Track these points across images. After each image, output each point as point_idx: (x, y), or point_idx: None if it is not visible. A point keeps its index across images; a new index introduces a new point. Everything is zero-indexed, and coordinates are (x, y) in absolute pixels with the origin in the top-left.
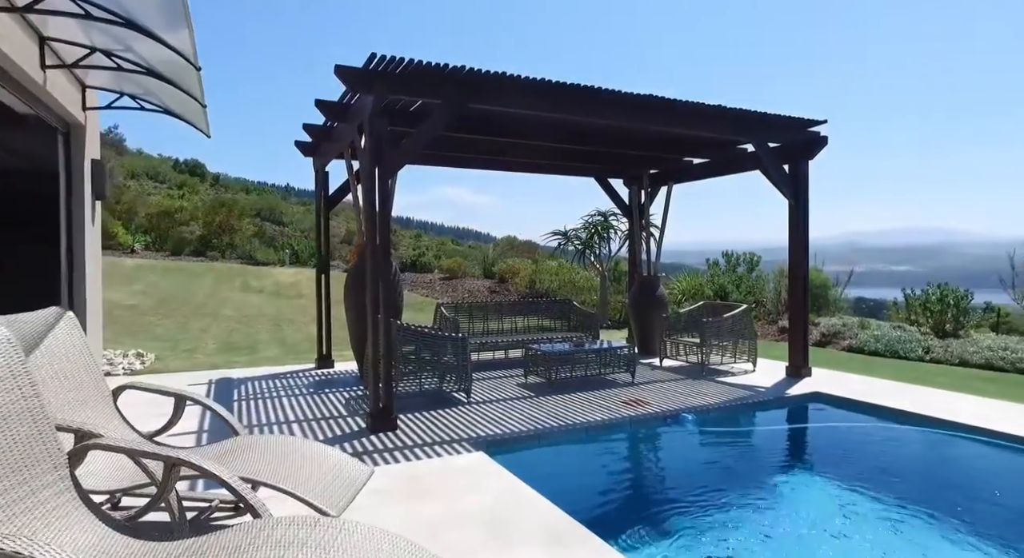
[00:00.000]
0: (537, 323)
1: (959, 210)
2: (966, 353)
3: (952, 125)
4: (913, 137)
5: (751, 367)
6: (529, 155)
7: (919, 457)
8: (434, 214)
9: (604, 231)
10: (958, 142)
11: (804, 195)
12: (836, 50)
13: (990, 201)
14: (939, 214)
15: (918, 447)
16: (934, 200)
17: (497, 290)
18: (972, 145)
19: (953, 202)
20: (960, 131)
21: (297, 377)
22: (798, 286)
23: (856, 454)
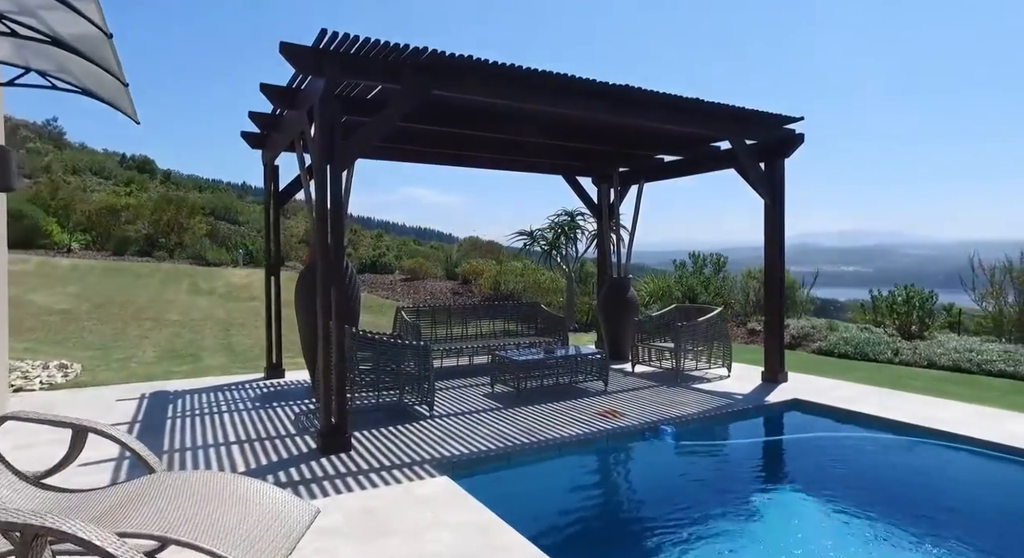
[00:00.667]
0: (504, 327)
1: (902, 214)
2: (934, 355)
3: (897, 132)
4: (861, 142)
5: (726, 372)
6: (495, 150)
7: (906, 470)
8: (396, 214)
9: (571, 231)
10: (902, 148)
11: (780, 195)
12: (786, 51)
13: (931, 205)
14: (884, 217)
15: (904, 459)
16: (880, 204)
17: (460, 292)
18: (915, 151)
19: (897, 206)
20: (904, 138)
21: (243, 389)
22: (774, 289)
23: (844, 470)
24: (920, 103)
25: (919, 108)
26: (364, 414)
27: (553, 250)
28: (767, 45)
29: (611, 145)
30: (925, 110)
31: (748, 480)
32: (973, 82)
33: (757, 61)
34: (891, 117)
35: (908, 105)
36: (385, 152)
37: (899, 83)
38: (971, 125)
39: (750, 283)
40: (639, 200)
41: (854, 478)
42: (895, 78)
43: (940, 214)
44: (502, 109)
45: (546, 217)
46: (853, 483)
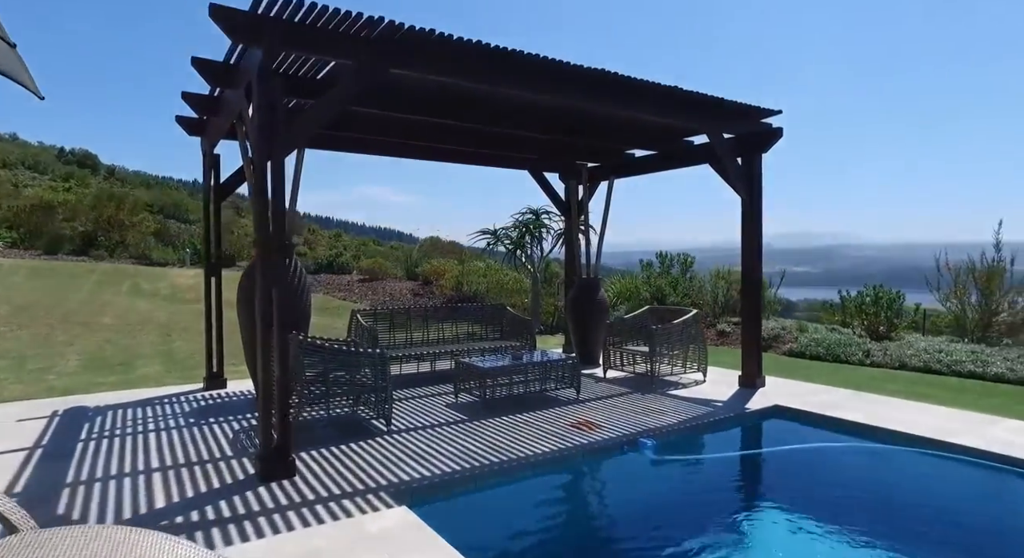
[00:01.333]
0: (467, 330)
1: (847, 217)
2: (904, 356)
3: (843, 137)
4: (810, 147)
5: (701, 377)
6: (456, 140)
7: (904, 484)
8: (355, 214)
9: (536, 230)
10: (847, 153)
11: (758, 191)
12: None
13: (873, 209)
14: (831, 220)
15: (898, 471)
16: (826, 207)
17: (421, 293)
18: (859, 157)
19: (842, 209)
20: (850, 143)
21: (177, 402)
22: (752, 291)
23: (837, 486)
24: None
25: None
26: (313, 430)
27: (518, 250)
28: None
29: (581, 137)
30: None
31: (736, 499)
32: (907, 91)
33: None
34: (836, 120)
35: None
36: (334, 142)
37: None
38: (908, 130)
39: (719, 284)
40: (609, 197)
41: (847, 495)
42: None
43: (878, 217)
44: (464, 93)
45: (510, 216)
46: (847, 501)
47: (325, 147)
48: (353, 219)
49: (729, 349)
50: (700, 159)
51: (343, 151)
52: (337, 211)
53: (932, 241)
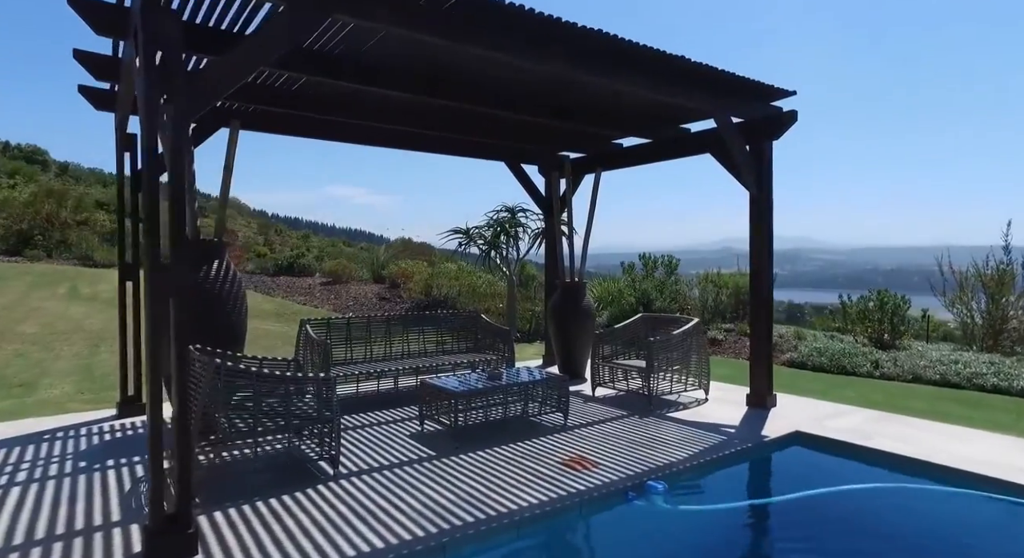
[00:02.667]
0: (437, 339)
1: (811, 220)
2: (917, 367)
3: (808, 144)
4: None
5: (703, 395)
6: (427, 123)
7: (972, 541)
8: (325, 215)
9: (512, 229)
10: (812, 159)
11: (768, 183)
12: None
13: (835, 214)
14: (796, 223)
15: (960, 518)
16: (788, 211)
17: (388, 296)
18: (823, 162)
19: (807, 213)
20: (814, 149)
21: (76, 437)
22: (762, 297)
23: (887, 536)
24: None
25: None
26: (238, 476)
27: (492, 251)
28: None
29: (564, 120)
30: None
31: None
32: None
33: None
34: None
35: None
36: (285, 124)
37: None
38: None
39: (708, 288)
40: (596, 192)
41: None
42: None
43: (839, 221)
44: (434, 64)
45: (484, 213)
46: None
47: (273, 129)
48: (324, 220)
49: (724, 359)
50: (699, 148)
51: (296, 135)
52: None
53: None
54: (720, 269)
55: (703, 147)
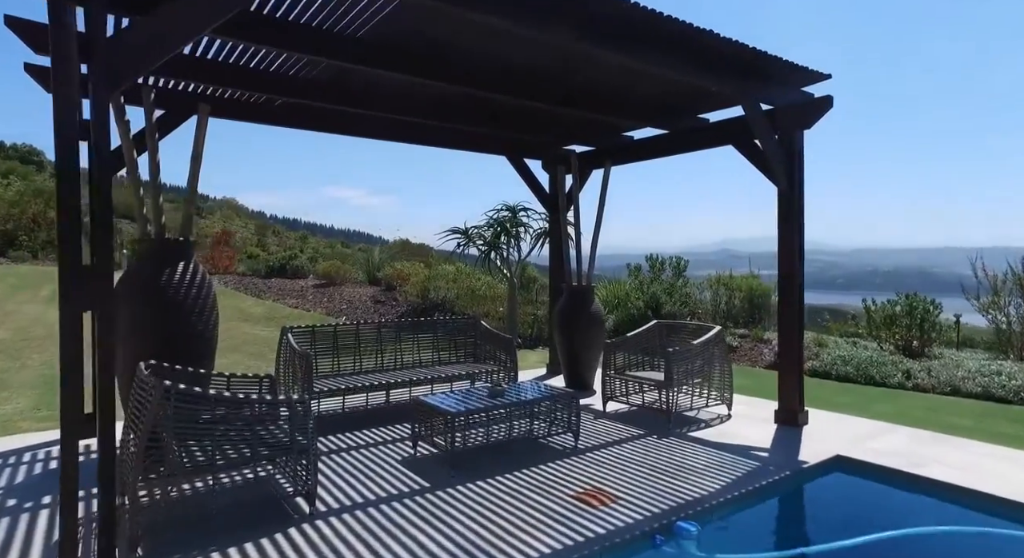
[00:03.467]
0: (432, 348)
1: (811, 222)
2: (955, 379)
3: None
4: None
5: (726, 410)
6: (424, 111)
7: None
8: (323, 216)
9: (513, 228)
10: (809, 159)
11: (799, 178)
12: None
13: (831, 214)
14: None
15: None
16: None
17: (383, 299)
18: (821, 162)
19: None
20: (810, 149)
21: (19, 462)
22: (792, 303)
23: None
24: None
25: None
26: (193, 517)
27: (492, 251)
28: None
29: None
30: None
31: None
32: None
33: None
34: None
35: None
36: (244, 108)
37: None
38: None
39: (720, 291)
40: (605, 187)
41: None
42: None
43: (838, 223)
44: (422, 36)
45: (483, 213)
46: None
47: (248, 116)
48: (323, 221)
49: (741, 368)
50: (720, 139)
51: (273, 124)
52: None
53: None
54: (732, 271)
55: (724, 138)
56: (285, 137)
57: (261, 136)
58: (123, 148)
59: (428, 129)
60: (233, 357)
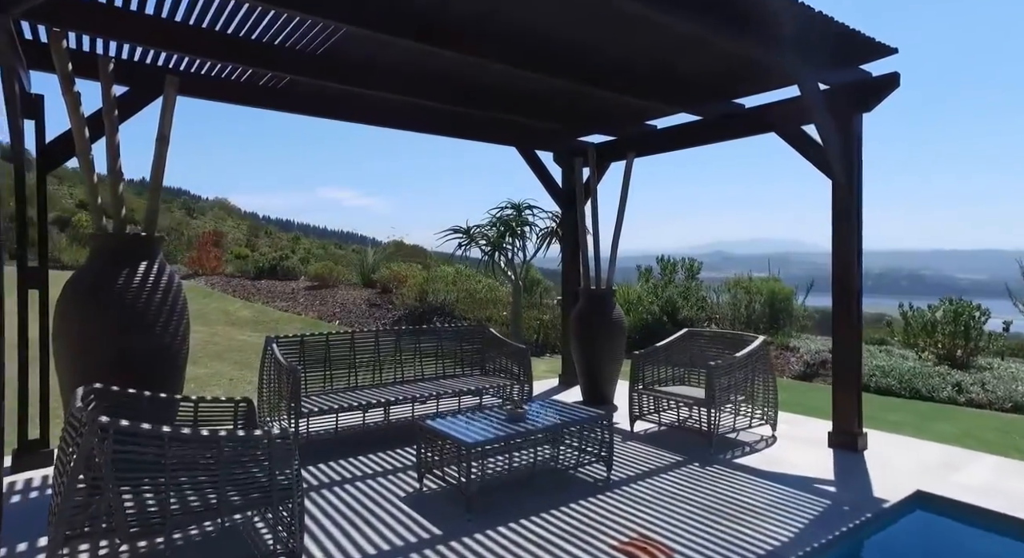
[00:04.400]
0: (435, 358)
1: (800, 224)
2: (1015, 393)
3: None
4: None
5: (769, 431)
6: (416, 90)
7: None
8: (317, 217)
9: (519, 227)
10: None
11: (858, 170)
12: None
13: (823, 217)
14: (786, 227)
15: None
16: (782, 214)
17: (379, 302)
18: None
19: (796, 217)
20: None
21: None
22: (848, 311)
23: None
24: None
25: None
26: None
27: (496, 251)
28: None
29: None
30: None
31: None
32: None
33: None
34: None
35: None
36: (217, 86)
37: None
38: None
39: (740, 295)
40: (627, 180)
41: None
42: None
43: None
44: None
45: (486, 211)
46: None
47: (221, 96)
48: (316, 222)
49: None
50: (759, 126)
51: (250, 105)
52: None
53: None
54: (752, 273)
55: (764, 125)
56: (278, 133)
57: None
58: (72, 128)
59: (431, 114)
60: (216, 366)
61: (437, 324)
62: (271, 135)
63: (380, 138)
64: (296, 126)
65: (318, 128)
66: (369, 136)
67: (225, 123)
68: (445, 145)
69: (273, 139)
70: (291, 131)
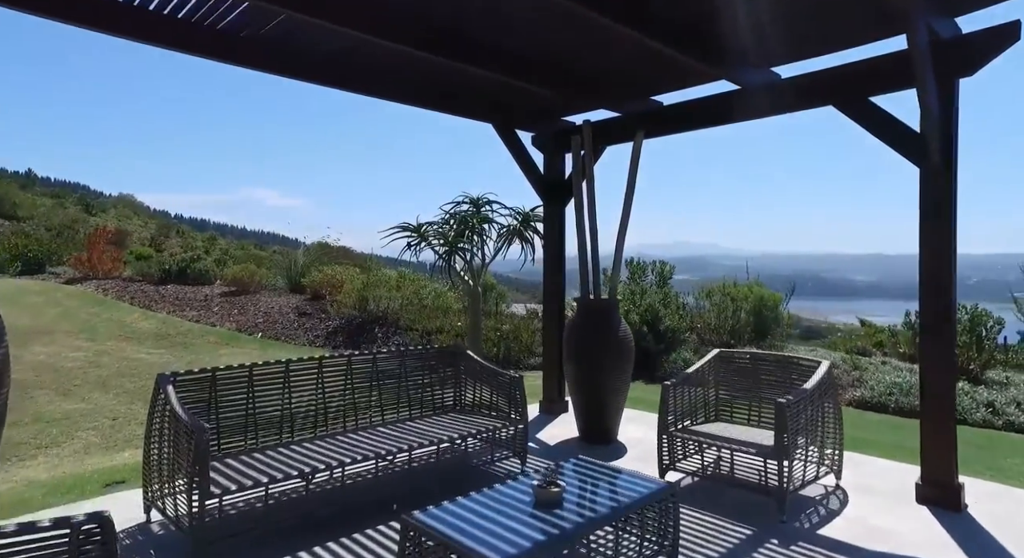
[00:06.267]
0: (398, 387)
1: (716, 228)
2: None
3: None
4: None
5: (833, 481)
6: (368, 26)
7: None
8: (236, 216)
9: (479, 225)
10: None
11: (954, 147)
12: None
13: (735, 222)
14: (703, 231)
15: None
16: (701, 219)
17: (310, 311)
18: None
19: (713, 221)
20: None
21: None
22: (941, 330)
23: None
24: None
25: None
26: None
27: (453, 254)
28: None
29: (633, 24)
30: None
31: None
32: None
33: None
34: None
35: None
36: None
37: None
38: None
39: (726, 302)
40: (635, 168)
41: None
42: None
43: (744, 229)
44: None
45: (439, 206)
46: None
47: (107, 28)
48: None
49: None
50: (816, 97)
51: (160, 46)
52: (215, 213)
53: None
54: (736, 280)
55: (821, 96)
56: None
57: (158, 116)
58: None
59: (380, 72)
60: (97, 398)
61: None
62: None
63: (309, 132)
64: (214, 114)
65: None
66: (297, 131)
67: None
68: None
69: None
70: (209, 121)
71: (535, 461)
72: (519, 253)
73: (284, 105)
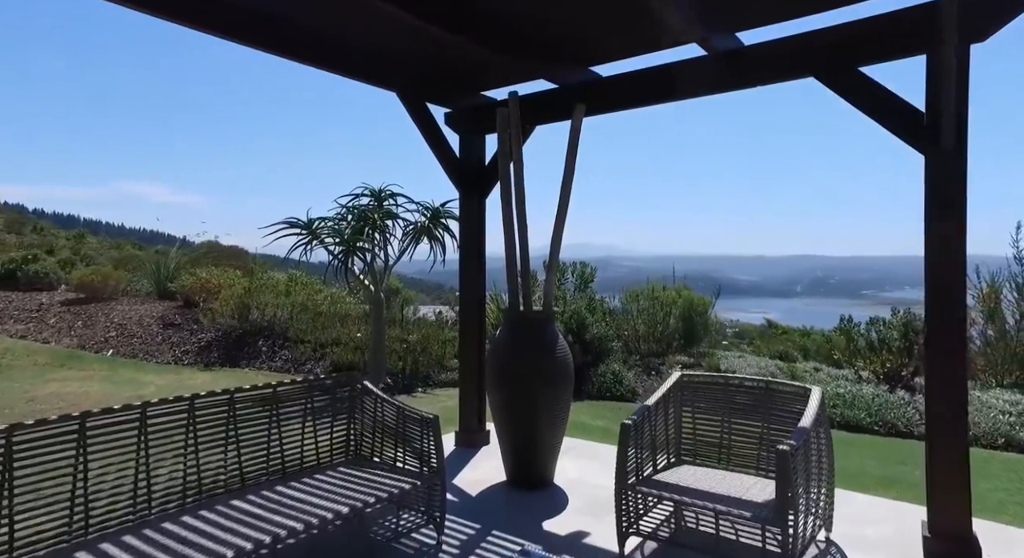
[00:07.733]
0: (268, 438)
1: (616, 230)
2: (1000, 425)
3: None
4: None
5: (823, 534)
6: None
7: None
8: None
9: (382, 220)
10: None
11: (964, 128)
12: None
13: (634, 223)
14: (604, 232)
15: None
16: (597, 221)
17: (178, 321)
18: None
19: (612, 224)
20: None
21: None
22: (950, 341)
23: None
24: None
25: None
26: None
27: (352, 253)
28: None
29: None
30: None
31: None
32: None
33: None
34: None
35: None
36: None
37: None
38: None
39: (655, 307)
40: (574, 150)
41: None
42: None
43: (642, 231)
44: None
45: (334, 200)
46: None
47: None
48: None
49: None
50: (795, 67)
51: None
52: (86, 209)
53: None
54: (665, 285)
55: (802, 65)
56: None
57: (25, 101)
58: None
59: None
60: None
61: (293, 366)
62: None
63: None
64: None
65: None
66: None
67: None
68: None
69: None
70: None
71: (456, 527)
72: (428, 253)
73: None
